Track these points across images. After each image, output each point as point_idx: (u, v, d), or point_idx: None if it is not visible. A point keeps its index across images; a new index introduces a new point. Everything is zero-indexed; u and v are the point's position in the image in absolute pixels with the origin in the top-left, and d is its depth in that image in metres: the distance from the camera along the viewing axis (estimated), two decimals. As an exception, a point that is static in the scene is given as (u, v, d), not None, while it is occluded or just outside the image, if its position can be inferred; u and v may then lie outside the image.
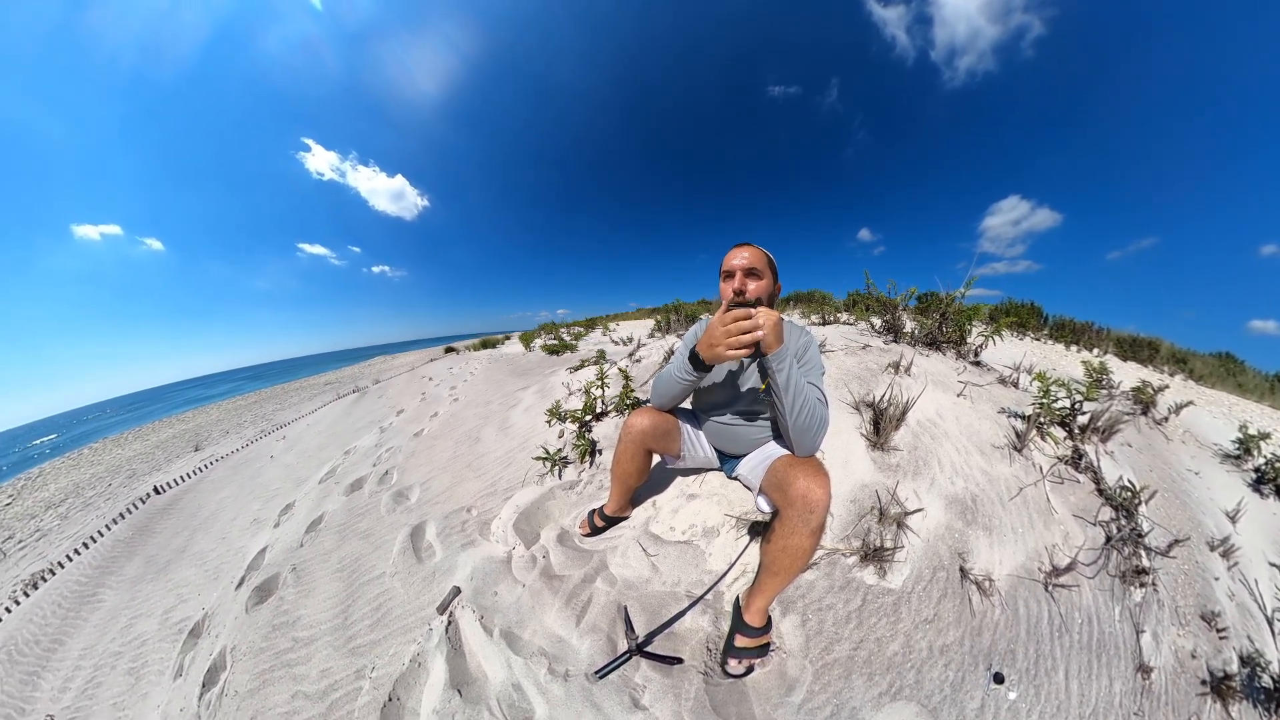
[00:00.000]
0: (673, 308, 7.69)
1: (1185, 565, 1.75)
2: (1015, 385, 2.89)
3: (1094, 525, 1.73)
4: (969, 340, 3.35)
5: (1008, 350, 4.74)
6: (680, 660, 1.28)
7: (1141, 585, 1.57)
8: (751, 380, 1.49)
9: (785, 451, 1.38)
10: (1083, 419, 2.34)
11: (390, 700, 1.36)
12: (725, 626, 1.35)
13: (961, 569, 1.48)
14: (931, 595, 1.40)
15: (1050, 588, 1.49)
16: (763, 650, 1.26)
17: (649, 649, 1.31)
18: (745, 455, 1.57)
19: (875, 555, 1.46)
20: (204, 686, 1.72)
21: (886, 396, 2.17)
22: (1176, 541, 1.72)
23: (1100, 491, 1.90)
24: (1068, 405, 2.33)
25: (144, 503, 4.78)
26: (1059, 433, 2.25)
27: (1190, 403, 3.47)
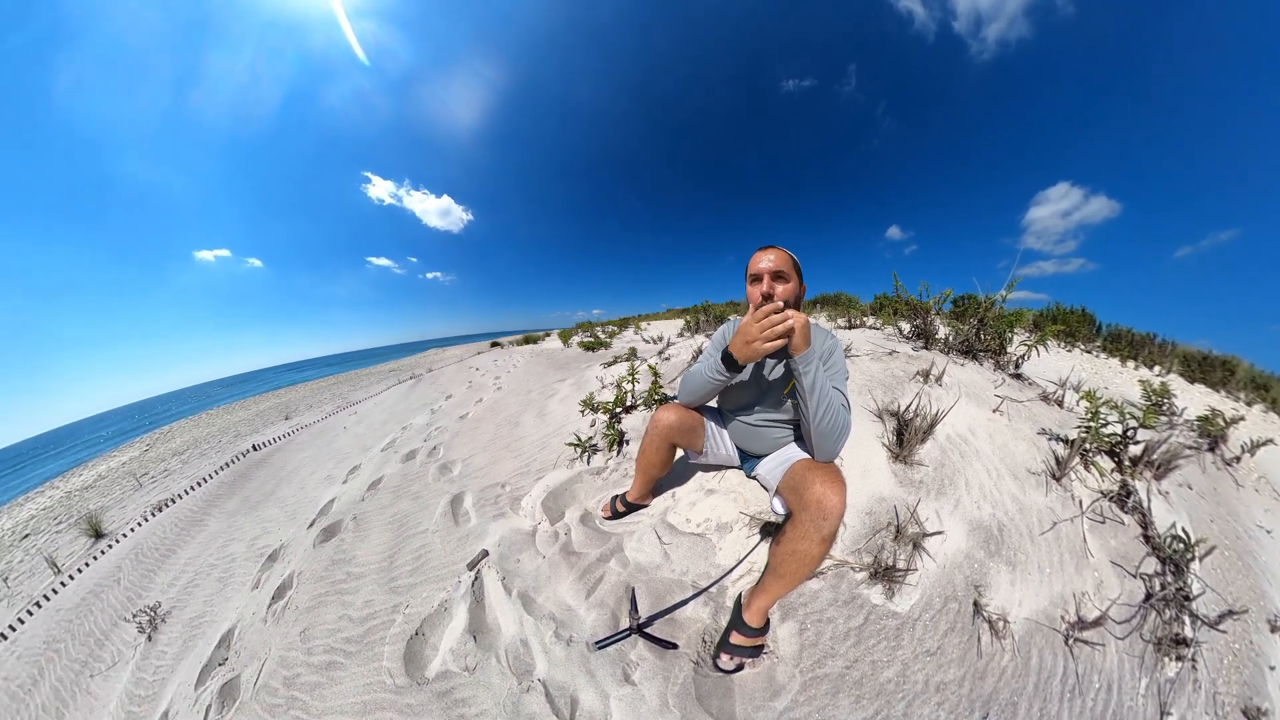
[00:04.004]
0: (702, 308, 7.66)
1: (1236, 644, 1.51)
2: (1060, 404, 2.64)
3: (1134, 577, 1.56)
4: (1009, 350, 3.04)
5: (1053, 363, 4.26)
6: (676, 645, 1.34)
7: (1178, 659, 1.38)
8: (778, 381, 1.50)
9: (805, 455, 1.38)
10: (1135, 449, 2.07)
11: (417, 634, 1.56)
12: (724, 621, 1.39)
13: (975, 604, 1.41)
14: (938, 626, 1.35)
15: (1071, 641, 1.37)
16: (756, 651, 1.28)
17: (649, 630, 1.38)
18: (766, 455, 1.59)
19: (885, 574, 1.43)
20: (273, 599, 2.07)
21: (914, 406, 2.07)
22: (1231, 613, 1.50)
23: (1147, 538, 1.70)
24: (1119, 432, 2.05)
25: (244, 456, 5.65)
26: (1106, 463, 2.00)
27: (1270, 441, 2.88)
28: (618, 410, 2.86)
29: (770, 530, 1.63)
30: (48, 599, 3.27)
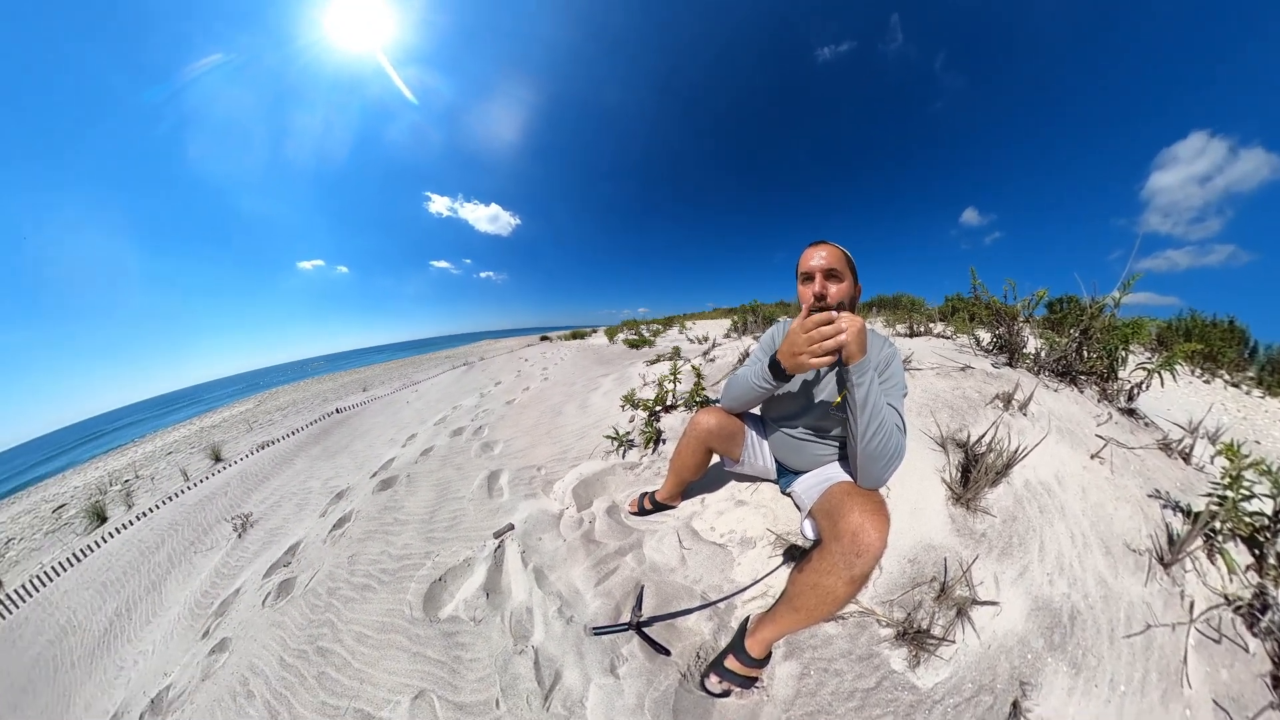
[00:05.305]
0: (750, 308, 7.38)
1: None
2: (1186, 458, 2.03)
3: (1244, 728, 1.18)
4: (1121, 374, 2.39)
5: (1182, 396, 3.36)
6: (669, 652, 1.31)
7: None
8: (827, 392, 1.37)
9: (847, 478, 1.26)
10: (1289, 540, 1.48)
11: (439, 580, 1.72)
12: (724, 641, 1.32)
13: (1015, 704, 1.15)
14: (960, 718, 1.13)
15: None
16: (748, 682, 1.19)
17: (646, 630, 1.37)
18: (805, 472, 1.46)
19: (915, 638, 1.25)
20: (334, 527, 2.43)
21: (987, 438, 1.77)
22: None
23: (1277, 682, 1.26)
24: (1267, 512, 1.51)
25: (328, 416, 6.79)
26: (1240, 555, 1.50)
27: None
28: (657, 409, 2.87)
29: (795, 555, 1.51)
30: (177, 495, 4.23)
